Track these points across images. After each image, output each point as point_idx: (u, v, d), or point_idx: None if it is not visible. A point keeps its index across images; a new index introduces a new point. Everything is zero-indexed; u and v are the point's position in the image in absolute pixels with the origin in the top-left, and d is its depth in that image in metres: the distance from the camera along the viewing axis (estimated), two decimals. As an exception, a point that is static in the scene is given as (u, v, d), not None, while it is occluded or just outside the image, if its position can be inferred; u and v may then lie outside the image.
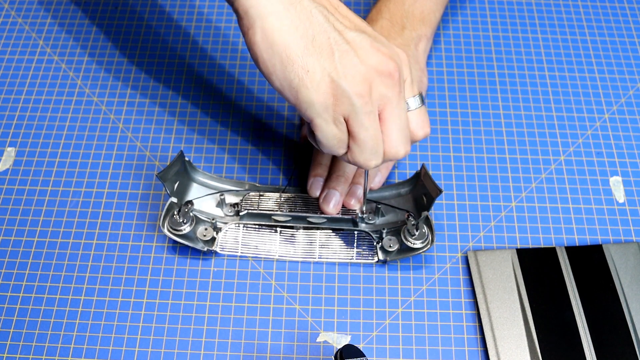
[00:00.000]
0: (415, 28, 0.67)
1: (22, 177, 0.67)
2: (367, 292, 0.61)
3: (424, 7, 0.69)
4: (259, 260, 0.63)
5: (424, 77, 0.68)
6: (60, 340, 0.59)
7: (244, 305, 0.60)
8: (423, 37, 0.68)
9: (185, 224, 0.60)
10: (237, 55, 0.75)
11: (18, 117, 0.71)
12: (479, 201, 0.66)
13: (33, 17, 0.79)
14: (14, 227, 0.64)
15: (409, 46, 0.66)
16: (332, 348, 0.59)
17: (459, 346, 0.58)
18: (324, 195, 0.61)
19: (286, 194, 0.63)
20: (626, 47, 0.77)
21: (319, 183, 0.62)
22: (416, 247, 0.59)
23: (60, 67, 0.75)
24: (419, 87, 0.62)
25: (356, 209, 0.62)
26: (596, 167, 0.68)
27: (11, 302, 0.60)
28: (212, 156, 0.68)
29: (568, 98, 0.73)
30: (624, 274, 0.61)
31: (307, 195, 0.63)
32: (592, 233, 0.64)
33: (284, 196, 0.63)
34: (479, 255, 0.62)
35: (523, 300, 0.60)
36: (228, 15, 0.79)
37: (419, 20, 0.68)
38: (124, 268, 0.62)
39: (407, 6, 0.68)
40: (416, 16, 0.68)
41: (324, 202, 0.61)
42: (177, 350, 0.58)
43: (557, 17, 0.79)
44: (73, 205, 0.65)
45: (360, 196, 0.62)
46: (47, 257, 0.63)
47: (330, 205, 0.61)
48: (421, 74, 0.67)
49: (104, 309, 0.60)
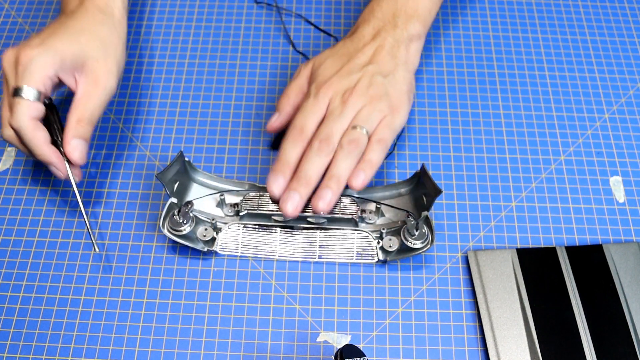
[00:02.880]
0: (407, 27, 0.66)
1: (22, 177, 0.67)
2: (367, 292, 0.61)
3: (417, 4, 0.67)
4: (259, 260, 0.63)
5: (412, 81, 0.66)
6: (60, 340, 0.59)
7: (244, 305, 0.60)
8: (415, 37, 0.67)
9: (185, 224, 0.60)
10: (237, 55, 0.75)
11: (18, 117, 0.71)
12: (479, 201, 0.66)
13: (33, 17, 0.79)
14: (14, 227, 0.64)
15: (399, 47, 0.65)
16: (332, 348, 0.59)
17: (459, 346, 0.58)
18: (285, 196, 0.59)
19: None
20: (626, 47, 0.77)
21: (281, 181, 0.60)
22: (416, 247, 0.59)
23: (61, 67, 0.75)
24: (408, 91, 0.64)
25: (324, 213, 0.60)
26: (596, 167, 0.68)
27: (11, 302, 0.60)
28: (212, 156, 0.68)
29: (568, 98, 0.73)
30: (624, 274, 0.61)
31: None
32: (592, 233, 0.64)
33: None
34: (479, 255, 0.62)
35: (523, 300, 0.60)
36: (228, 15, 0.79)
37: (413, 17, 0.67)
38: (124, 268, 0.62)
39: (399, 4, 0.67)
40: (409, 14, 0.67)
41: (283, 202, 0.59)
42: (177, 350, 0.58)
43: (557, 17, 0.79)
44: (73, 205, 0.65)
45: (329, 200, 0.59)
46: (47, 256, 0.63)
47: (289, 208, 0.59)
48: (410, 77, 0.66)
49: (104, 309, 0.60)
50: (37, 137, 0.58)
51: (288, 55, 0.76)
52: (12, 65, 0.59)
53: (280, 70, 0.74)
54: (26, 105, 0.57)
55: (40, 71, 0.58)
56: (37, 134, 0.58)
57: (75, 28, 0.61)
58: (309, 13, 0.79)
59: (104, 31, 0.63)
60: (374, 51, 0.64)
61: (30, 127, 0.58)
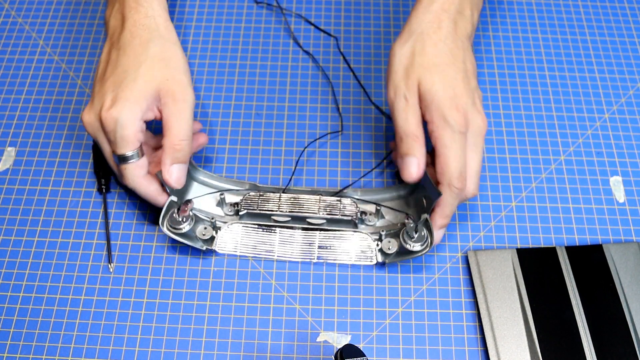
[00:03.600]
0: (466, 21, 0.63)
1: (22, 177, 0.67)
2: (367, 292, 0.61)
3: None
4: (259, 260, 0.63)
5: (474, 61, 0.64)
6: (61, 340, 0.59)
7: (244, 305, 0.60)
8: (474, 27, 0.65)
9: (184, 223, 0.60)
10: (237, 55, 0.75)
11: (18, 117, 0.71)
12: (479, 201, 0.66)
13: (33, 17, 0.79)
14: (14, 227, 0.64)
15: (465, 41, 0.62)
16: (332, 348, 0.59)
17: (459, 346, 0.58)
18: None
19: (286, 195, 0.63)
20: (626, 47, 0.77)
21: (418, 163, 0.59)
22: (415, 250, 0.59)
23: (61, 67, 0.75)
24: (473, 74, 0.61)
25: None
26: (596, 167, 0.68)
27: (11, 302, 0.60)
28: (213, 156, 0.68)
29: (568, 98, 0.73)
30: (624, 274, 0.61)
31: (307, 196, 0.63)
32: (592, 233, 0.64)
33: (283, 196, 0.63)
34: (479, 255, 0.62)
35: (523, 300, 0.60)
36: (228, 15, 0.79)
37: (471, 7, 0.64)
38: (124, 268, 0.62)
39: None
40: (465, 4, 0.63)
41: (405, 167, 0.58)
42: (177, 350, 0.58)
43: (557, 17, 0.79)
44: (73, 205, 0.65)
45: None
46: (47, 256, 0.63)
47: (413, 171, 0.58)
48: (472, 67, 0.63)
49: (104, 309, 0.60)
50: (150, 191, 0.60)
51: (288, 55, 0.76)
52: (98, 130, 0.59)
53: (280, 70, 0.74)
54: (133, 167, 0.59)
55: (130, 130, 0.58)
56: (150, 189, 0.60)
57: (133, 64, 0.60)
58: (309, 13, 0.79)
59: (157, 49, 0.61)
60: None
61: (143, 185, 0.60)
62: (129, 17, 0.62)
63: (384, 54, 0.75)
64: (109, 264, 0.62)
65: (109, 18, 0.65)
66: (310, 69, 0.74)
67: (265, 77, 0.74)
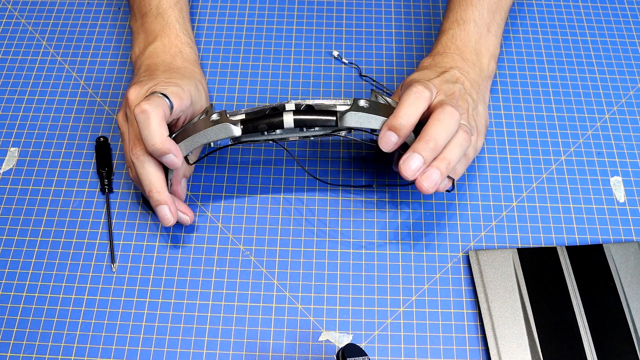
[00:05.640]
0: (489, 65, 0.68)
1: (25, 177, 0.67)
2: (369, 292, 0.61)
3: (489, 43, 0.68)
4: (261, 260, 0.63)
5: (487, 117, 0.67)
6: (64, 340, 0.59)
7: (246, 305, 0.61)
8: (492, 75, 0.69)
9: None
10: (239, 56, 0.76)
11: (21, 117, 0.71)
12: (480, 201, 0.66)
13: (36, 17, 0.79)
14: (17, 227, 0.65)
15: (480, 85, 0.66)
16: (334, 347, 0.59)
17: (460, 345, 0.59)
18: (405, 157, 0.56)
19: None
20: (626, 47, 0.77)
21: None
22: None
23: (64, 67, 0.75)
24: (486, 124, 0.65)
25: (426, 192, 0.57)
26: (597, 167, 0.68)
27: (14, 301, 0.61)
28: (213, 156, 0.69)
29: (568, 98, 0.73)
30: (625, 274, 0.61)
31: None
32: (593, 233, 0.64)
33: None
34: (480, 254, 0.62)
35: (524, 300, 0.60)
36: (230, 16, 0.79)
37: (493, 57, 0.69)
38: (127, 267, 0.62)
39: (473, 42, 0.67)
40: (490, 52, 0.68)
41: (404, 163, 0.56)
42: (179, 350, 0.58)
43: (558, 17, 0.79)
44: (76, 205, 0.66)
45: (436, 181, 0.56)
46: (50, 256, 0.63)
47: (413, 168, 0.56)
48: (487, 113, 0.66)
49: (107, 309, 0.60)
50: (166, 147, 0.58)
51: (289, 55, 0.76)
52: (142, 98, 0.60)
53: (282, 71, 0.75)
54: (160, 100, 0.57)
55: (184, 94, 0.61)
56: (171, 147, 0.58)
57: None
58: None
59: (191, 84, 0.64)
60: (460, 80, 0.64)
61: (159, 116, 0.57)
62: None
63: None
64: (111, 263, 0.62)
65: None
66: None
67: (266, 78, 0.74)
